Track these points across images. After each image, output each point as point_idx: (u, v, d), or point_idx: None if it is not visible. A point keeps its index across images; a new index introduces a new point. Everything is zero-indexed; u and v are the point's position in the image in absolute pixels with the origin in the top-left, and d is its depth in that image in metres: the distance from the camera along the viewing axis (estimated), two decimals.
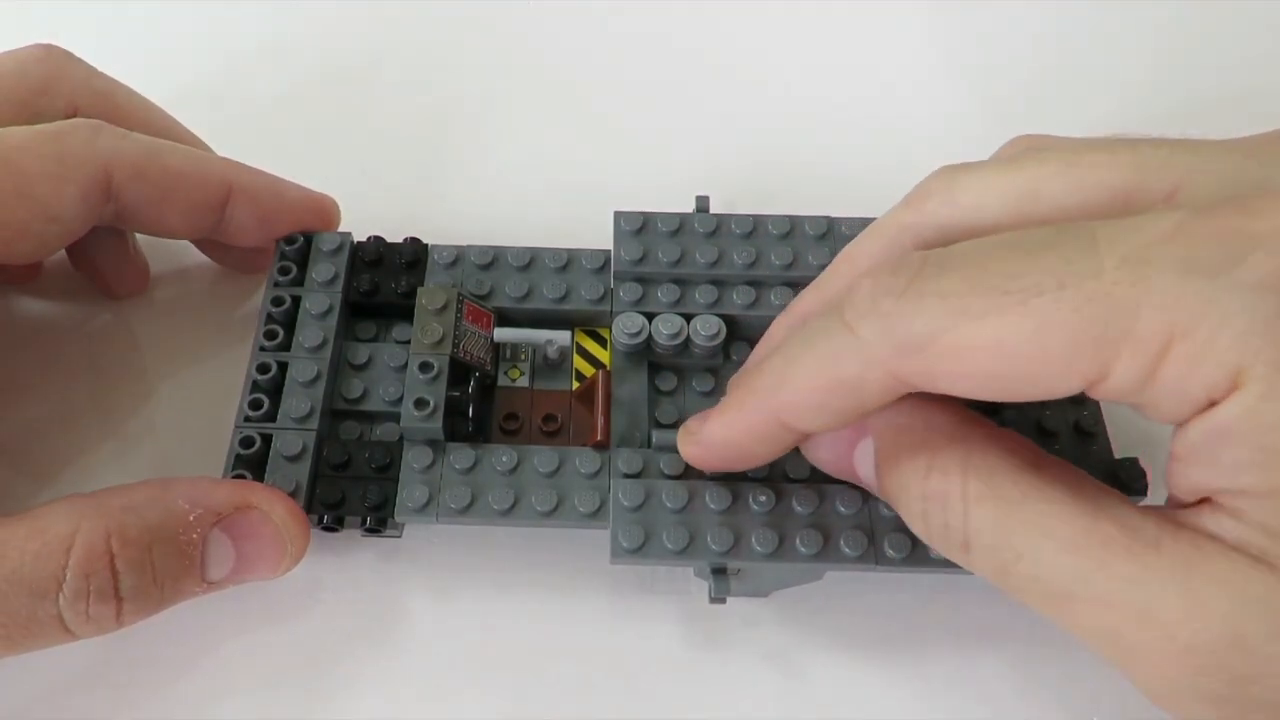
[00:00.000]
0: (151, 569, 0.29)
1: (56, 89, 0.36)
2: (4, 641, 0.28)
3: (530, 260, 0.37)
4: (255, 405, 0.33)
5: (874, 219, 0.37)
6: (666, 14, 0.50)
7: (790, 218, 0.38)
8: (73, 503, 0.29)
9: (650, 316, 0.36)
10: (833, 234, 0.37)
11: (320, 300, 0.36)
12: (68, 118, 0.34)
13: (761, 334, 0.36)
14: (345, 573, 0.35)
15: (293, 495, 0.32)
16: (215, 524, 0.30)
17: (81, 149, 0.33)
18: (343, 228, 0.38)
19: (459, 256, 0.37)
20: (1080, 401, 0.35)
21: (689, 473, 0.33)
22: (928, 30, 0.50)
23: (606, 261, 0.37)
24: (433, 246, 0.37)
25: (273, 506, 0.31)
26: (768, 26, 0.50)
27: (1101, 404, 0.35)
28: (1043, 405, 0.35)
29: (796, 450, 0.34)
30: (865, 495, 0.32)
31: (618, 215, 0.38)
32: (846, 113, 0.47)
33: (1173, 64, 0.48)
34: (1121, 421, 0.35)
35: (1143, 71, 0.48)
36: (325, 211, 0.38)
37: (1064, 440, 0.35)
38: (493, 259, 0.37)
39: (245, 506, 0.31)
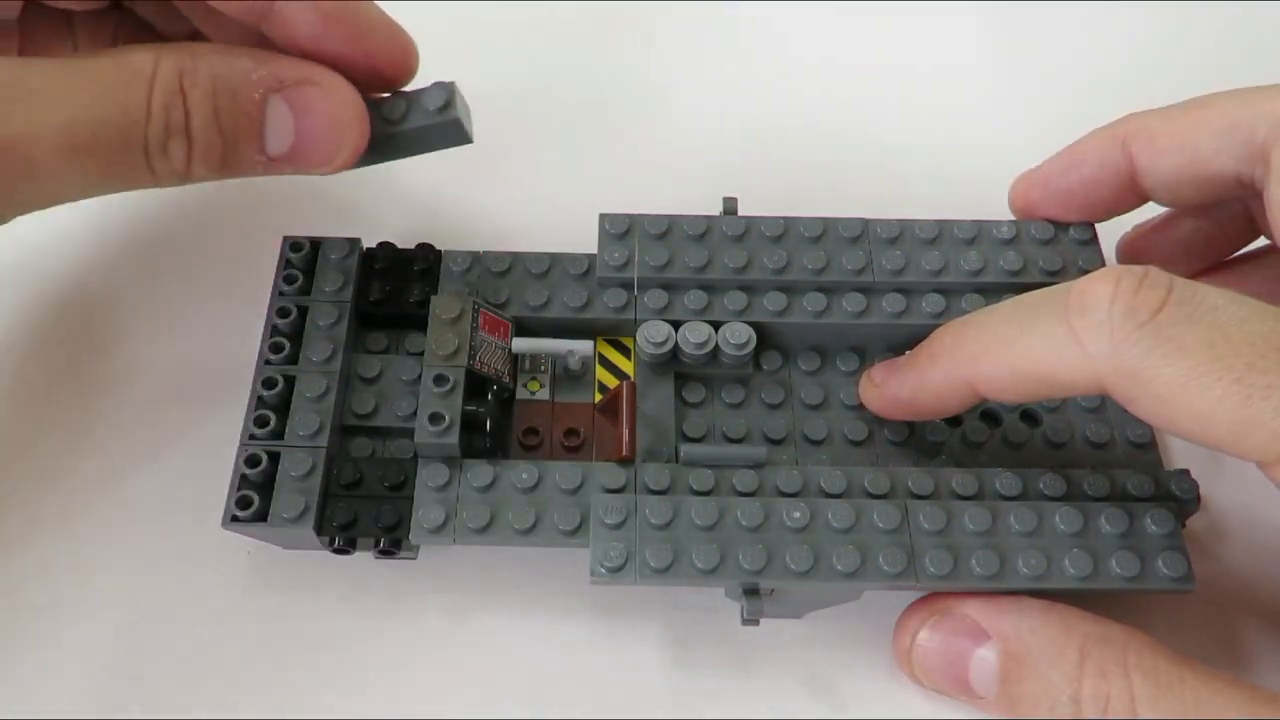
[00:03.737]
0: (216, 117, 0.30)
1: None
2: (102, 170, 0.29)
3: (549, 266, 0.36)
4: (261, 422, 0.32)
5: (909, 220, 0.36)
6: (695, 13, 0.49)
7: (823, 220, 0.36)
8: (147, 46, 0.30)
9: (676, 325, 0.34)
10: (867, 236, 0.36)
11: (328, 311, 0.34)
12: None
13: (793, 342, 0.36)
14: (357, 599, 0.34)
15: (302, 515, 0.31)
16: (277, 91, 0.31)
17: None
18: (351, 233, 0.36)
19: (474, 263, 0.36)
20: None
21: (718, 488, 0.32)
22: (966, 30, 0.49)
23: (629, 261, 0.36)
24: (446, 253, 0.36)
25: (333, 86, 0.31)
26: (802, 24, 0.49)
27: None
28: (1089, 413, 0.34)
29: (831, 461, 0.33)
30: (904, 510, 0.31)
31: (639, 219, 0.36)
32: (880, 112, 0.46)
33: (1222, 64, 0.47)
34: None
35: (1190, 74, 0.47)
36: (402, 49, 0.33)
37: (1116, 450, 0.34)
38: (510, 265, 0.36)
39: (307, 81, 0.31)
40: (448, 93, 0.33)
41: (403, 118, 0.33)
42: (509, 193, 0.43)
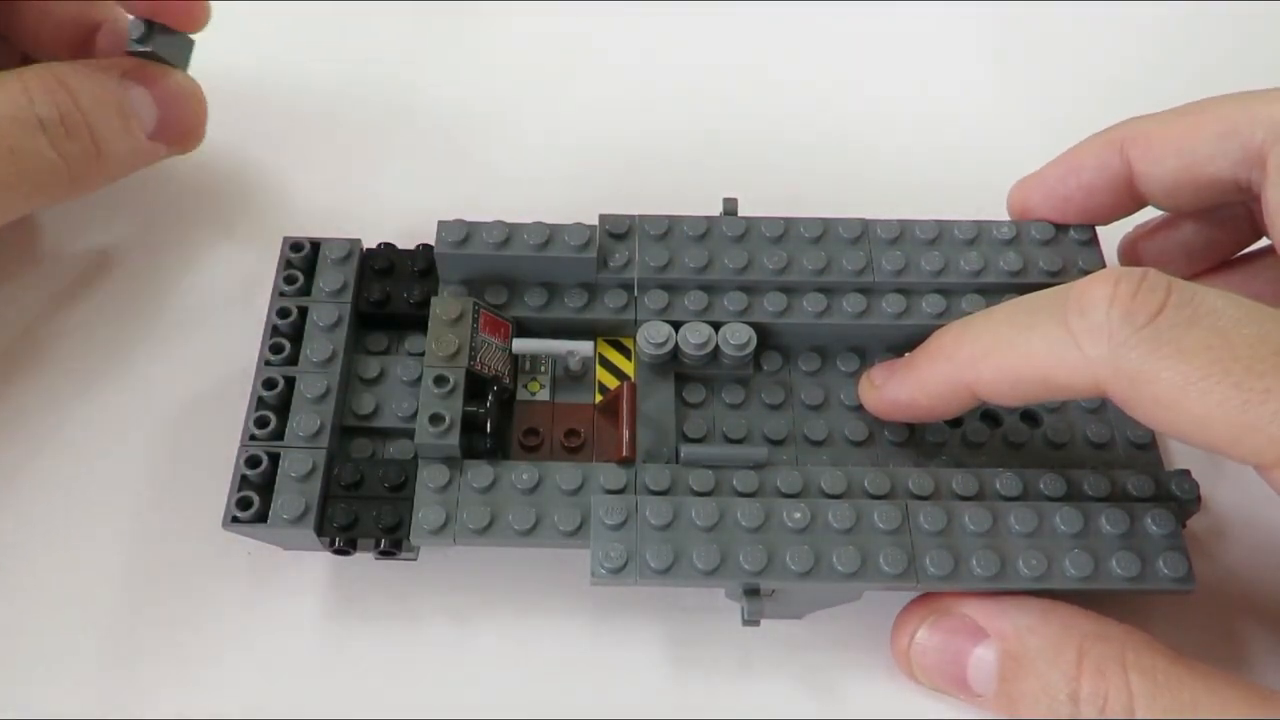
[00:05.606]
0: (84, 119, 0.34)
1: None
2: (13, 183, 0.33)
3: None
4: (261, 423, 0.32)
5: (910, 221, 0.36)
6: (698, 15, 0.49)
7: (823, 220, 0.36)
8: (8, 76, 0.34)
9: (676, 325, 0.34)
10: (867, 236, 0.36)
11: (328, 311, 0.34)
12: None
13: (793, 342, 0.36)
14: (357, 600, 0.34)
15: (302, 516, 0.31)
16: (127, 77, 0.36)
17: None
18: (351, 233, 0.36)
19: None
20: None
21: (719, 489, 0.32)
22: (966, 32, 0.49)
23: (630, 262, 0.35)
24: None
25: (165, 69, 0.37)
26: (799, 27, 0.49)
27: None
28: (1089, 414, 0.34)
29: (833, 462, 0.33)
30: (905, 511, 0.31)
31: (640, 219, 0.36)
32: (880, 112, 0.46)
33: (1213, 62, 0.47)
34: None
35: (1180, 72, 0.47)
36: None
37: (1117, 451, 0.34)
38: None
39: (141, 65, 0.37)
40: (590, 233, 0.35)
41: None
42: (511, 195, 0.43)
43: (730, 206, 0.37)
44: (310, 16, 0.48)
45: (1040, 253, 0.36)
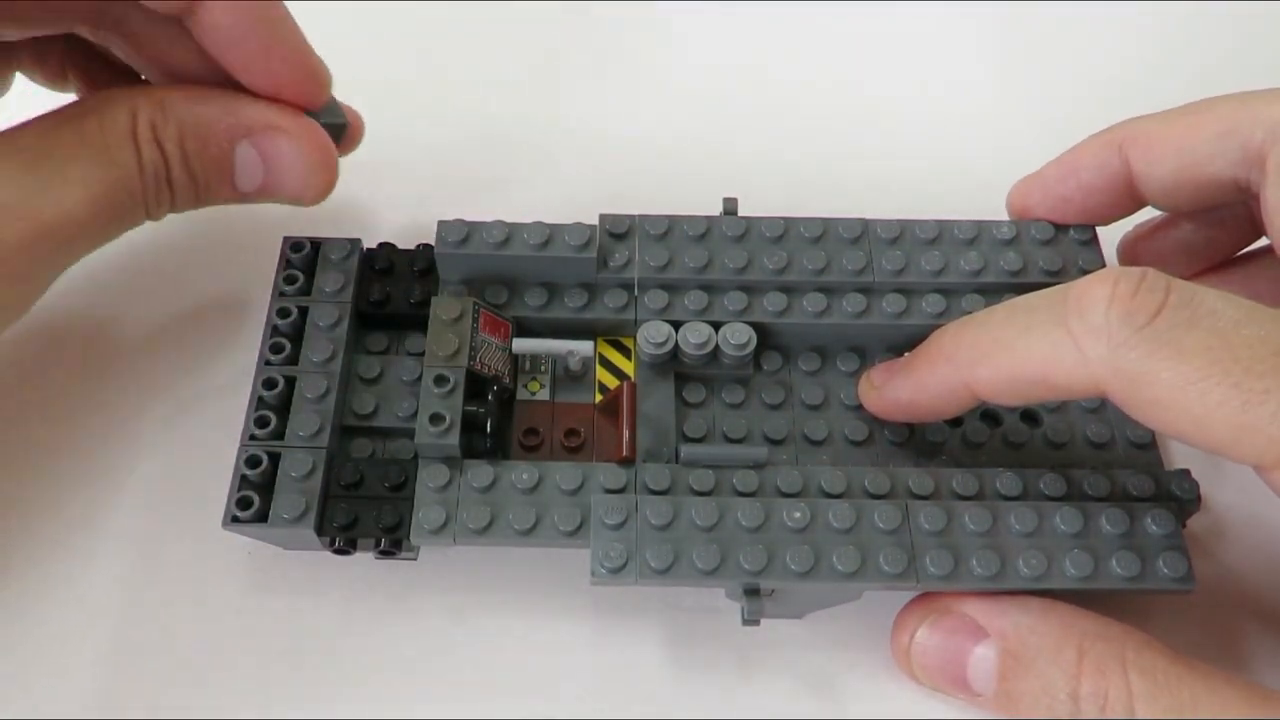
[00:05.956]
0: (186, 161, 0.32)
1: None
2: (115, 221, 0.32)
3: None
4: (261, 423, 0.32)
5: (910, 220, 0.36)
6: (700, 14, 0.49)
7: (823, 220, 0.36)
8: (121, 98, 0.32)
9: (676, 325, 0.34)
10: (868, 236, 0.36)
11: (328, 311, 0.34)
12: None
13: (793, 342, 0.36)
14: (357, 600, 0.34)
15: (302, 516, 0.31)
16: (245, 137, 0.33)
17: None
18: (351, 233, 0.36)
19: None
20: None
21: (718, 489, 0.32)
22: (967, 33, 0.49)
23: (630, 261, 0.35)
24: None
25: (301, 132, 0.34)
26: (799, 27, 0.49)
27: None
28: (1089, 414, 0.34)
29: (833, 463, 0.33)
30: (905, 510, 0.31)
31: (640, 219, 0.36)
32: (880, 112, 0.46)
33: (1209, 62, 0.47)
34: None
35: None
36: (312, 73, 0.35)
37: (1117, 450, 0.34)
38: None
39: (274, 127, 0.33)
40: (590, 233, 0.35)
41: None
42: (511, 195, 0.43)
43: (730, 206, 0.37)
44: (307, 17, 0.48)
45: (1040, 253, 0.36)
